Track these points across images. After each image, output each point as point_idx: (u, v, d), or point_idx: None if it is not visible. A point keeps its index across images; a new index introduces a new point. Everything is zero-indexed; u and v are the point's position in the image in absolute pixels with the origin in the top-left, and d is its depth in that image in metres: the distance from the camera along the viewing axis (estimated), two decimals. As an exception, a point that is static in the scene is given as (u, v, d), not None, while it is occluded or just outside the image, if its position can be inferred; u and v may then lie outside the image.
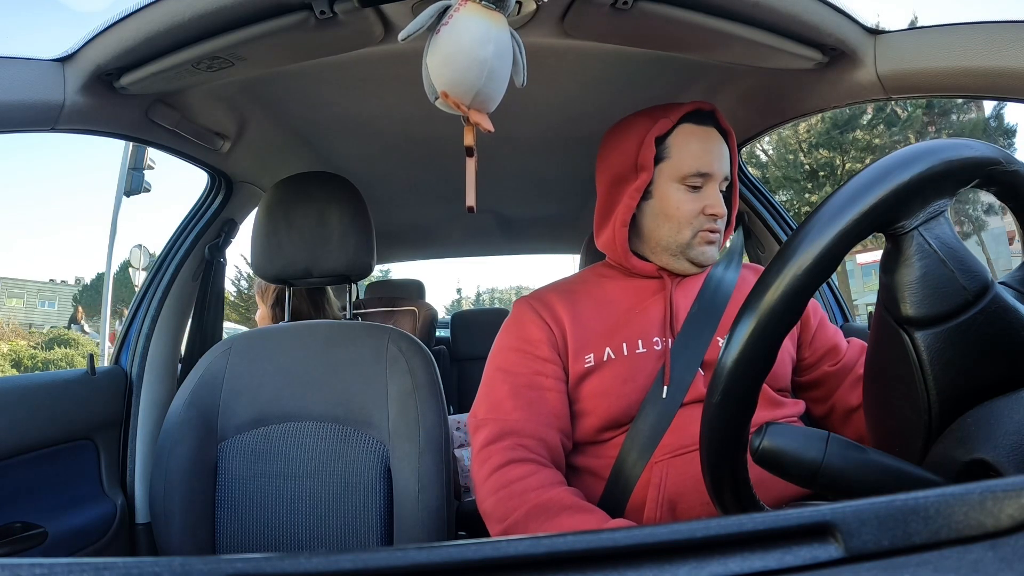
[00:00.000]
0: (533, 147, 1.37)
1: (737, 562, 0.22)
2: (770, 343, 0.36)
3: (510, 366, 0.81)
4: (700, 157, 0.81)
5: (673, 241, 0.82)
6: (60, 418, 0.92)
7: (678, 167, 0.81)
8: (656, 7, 0.69)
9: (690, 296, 0.82)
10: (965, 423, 0.35)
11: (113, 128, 0.85)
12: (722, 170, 0.82)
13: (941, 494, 0.23)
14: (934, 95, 0.74)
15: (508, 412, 0.77)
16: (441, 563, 0.22)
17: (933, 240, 0.36)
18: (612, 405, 0.76)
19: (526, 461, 0.72)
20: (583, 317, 0.81)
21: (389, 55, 0.85)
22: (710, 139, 0.82)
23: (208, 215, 1.21)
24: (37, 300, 26.62)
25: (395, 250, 2.37)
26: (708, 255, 0.82)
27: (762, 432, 0.37)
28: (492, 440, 0.75)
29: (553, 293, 0.86)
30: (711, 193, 0.82)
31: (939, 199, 0.36)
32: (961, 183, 0.36)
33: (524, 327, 0.83)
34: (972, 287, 0.36)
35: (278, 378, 0.91)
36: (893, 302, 0.37)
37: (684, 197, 0.81)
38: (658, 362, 0.77)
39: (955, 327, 0.36)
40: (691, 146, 0.81)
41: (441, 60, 0.54)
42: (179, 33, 0.68)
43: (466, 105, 0.55)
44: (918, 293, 0.36)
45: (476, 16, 0.53)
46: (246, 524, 0.86)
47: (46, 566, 0.21)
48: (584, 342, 0.79)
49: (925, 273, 0.36)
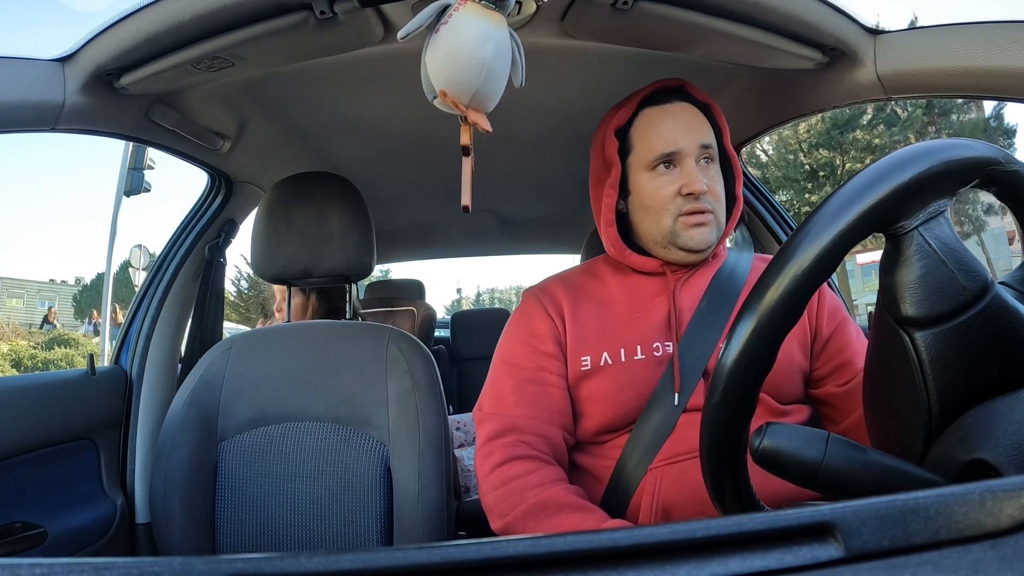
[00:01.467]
0: (533, 147, 1.37)
1: (737, 562, 0.22)
2: (770, 344, 0.36)
3: (515, 359, 0.80)
4: (663, 137, 0.77)
5: (657, 231, 0.78)
6: (60, 418, 0.92)
7: (643, 155, 0.78)
8: (656, 7, 0.69)
9: (697, 294, 0.78)
10: (965, 423, 0.35)
11: (113, 128, 0.85)
12: (694, 143, 0.76)
13: (941, 494, 0.23)
14: (934, 95, 0.74)
15: (511, 407, 0.76)
16: (441, 563, 0.22)
17: (933, 240, 0.36)
18: (608, 410, 0.75)
19: (527, 458, 0.72)
20: (583, 316, 0.80)
21: (389, 55, 0.85)
22: (675, 116, 0.78)
23: (208, 215, 1.21)
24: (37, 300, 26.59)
25: (395, 250, 2.37)
26: (698, 239, 0.76)
27: (762, 432, 0.37)
28: (495, 435, 0.74)
29: (559, 285, 0.84)
30: (686, 171, 0.76)
31: (939, 199, 0.36)
32: (961, 183, 0.36)
33: (530, 320, 0.82)
34: (972, 287, 0.36)
35: (278, 378, 0.91)
36: (893, 302, 0.37)
37: (657, 183, 0.77)
38: (658, 368, 0.75)
39: (955, 327, 0.36)
40: (653, 129, 0.78)
41: (440, 59, 0.54)
42: (179, 33, 0.68)
43: (464, 104, 0.55)
44: (918, 293, 0.36)
45: (475, 16, 0.53)
46: (246, 524, 0.86)
47: (46, 566, 0.21)
48: (582, 343, 0.78)
49: (925, 273, 0.36)
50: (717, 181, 0.78)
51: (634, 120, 0.80)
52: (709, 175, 0.77)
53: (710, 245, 0.78)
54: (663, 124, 0.77)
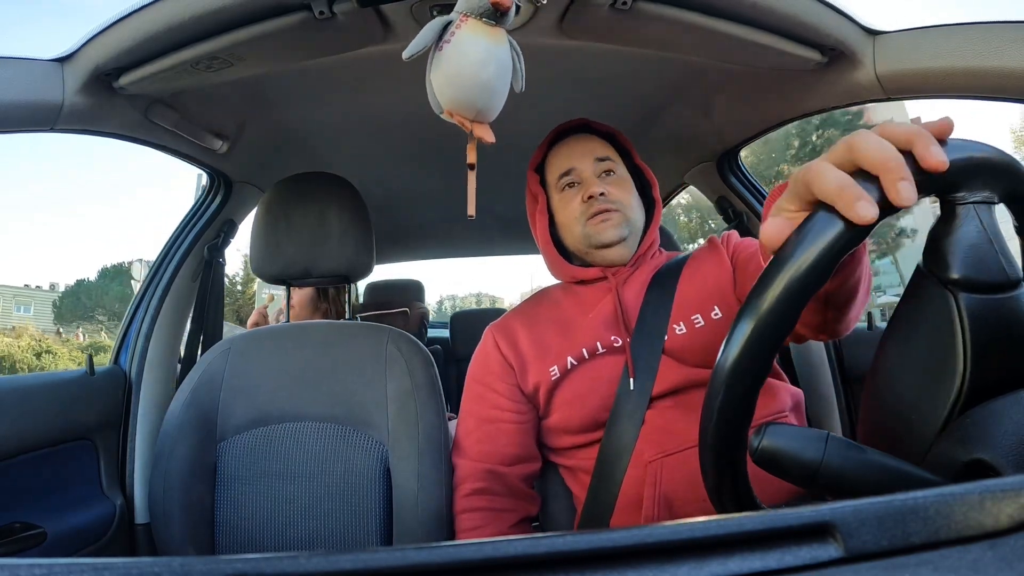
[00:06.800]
0: (533, 147, 1.36)
1: (737, 562, 0.22)
2: (770, 343, 0.36)
3: (473, 398, 0.90)
4: (560, 161, 0.90)
5: (576, 240, 0.88)
6: (59, 418, 0.92)
7: (552, 181, 0.91)
8: (655, 7, 0.69)
9: (641, 289, 0.85)
10: (965, 423, 0.36)
11: (112, 128, 0.85)
12: (588, 159, 0.88)
13: (940, 494, 0.23)
14: (933, 95, 0.74)
15: (467, 450, 0.87)
16: (441, 563, 0.22)
17: (985, 220, 0.38)
18: (585, 407, 0.80)
19: (478, 511, 0.83)
20: (542, 335, 0.87)
21: (388, 55, 0.85)
22: (571, 145, 0.91)
23: (207, 215, 1.21)
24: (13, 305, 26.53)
25: (394, 250, 2.37)
26: (606, 232, 0.85)
27: (761, 432, 0.37)
28: (457, 483, 0.86)
29: (515, 317, 0.93)
30: (584, 182, 0.88)
31: (994, 191, 0.38)
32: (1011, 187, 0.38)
33: (486, 359, 0.90)
34: (1012, 275, 0.37)
35: (277, 378, 0.91)
36: (943, 263, 0.38)
37: (565, 200, 0.89)
38: (620, 358, 0.80)
39: (999, 300, 0.37)
40: (555, 159, 0.92)
41: (444, 80, 0.55)
42: (178, 33, 0.68)
43: (469, 120, 0.56)
44: (970, 258, 0.37)
45: (476, 35, 0.53)
46: (246, 524, 0.86)
47: (46, 566, 0.21)
48: (547, 356, 0.84)
49: (977, 244, 0.38)
50: (620, 187, 0.88)
51: (545, 157, 0.94)
52: (608, 183, 0.88)
53: (621, 238, 0.86)
54: (562, 152, 0.91)
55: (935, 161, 0.33)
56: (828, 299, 0.56)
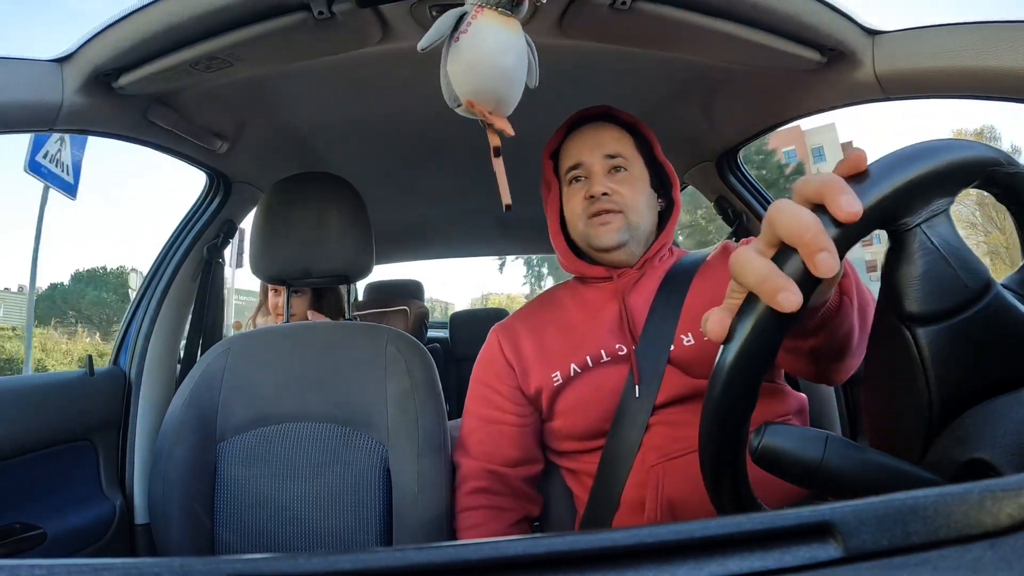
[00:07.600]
0: (532, 147, 1.36)
1: (736, 562, 0.22)
2: (770, 342, 0.36)
3: (476, 398, 0.89)
4: (570, 153, 0.87)
5: (578, 236, 0.87)
6: (58, 419, 0.92)
7: (563, 172, 0.89)
8: (655, 7, 0.69)
9: (649, 295, 0.82)
10: (964, 423, 0.36)
11: (111, 128, 0.85)
12: (596, 155, 0.85)
13: (940, 494, 0.23)
14: (932, 95, 0.74)
15: (470, 449, 0.87)
16: (441, 563, 0.22)
17: (935, 238, 0.36)
18: (587, 415, 0.79)
19: (479, 508, 0.83)
20: (546, 339, 0.86)
21: (387, 56, 0.85)
22: (584, 135, 0.87)
23: (207, 215, 1.21)
24: None
25: (394, 250, 2.37)
26: (603, 236, 0.83)
27: (761, 432, 0.37)
28: (460, 481, 0.86)
29: (521, 321, 0.91)
30: (590, 179, 0.85)
31: (941, 198, 0.36)
32: (963, 183, 0.36)
33: (490, 361, 0.90)
34: (974, 285, 0.36)
35: (277, 379, 0.91)
36: (896, 299, 0.37)
37: (571, 194, 0.87)
38: (624, 367, 0.78)
39: (957, 324, 0.36)
40: (566, 150, 0.89)
41: (463, 69, 0.54)
42: (177, 33, 0.68)
43: (489, 111, 0.56)
44: (921, 290, 0.36)
45: (494, 24, 0.53)
46: (245, 524, 0.86)
47: (45, 567, 0.21)
48: (550, 361, 0.83)
49: (928, 270, 0.36)
50: (629, 186, 0.85)
51: (563, 143, 0.91)
52: (616, 180, 0.85)
53: (619, 243, 0.83)
54: (573, 143, 0.88)
55: (845, 213, 0.31)
56: (817, 355, 0.54)
